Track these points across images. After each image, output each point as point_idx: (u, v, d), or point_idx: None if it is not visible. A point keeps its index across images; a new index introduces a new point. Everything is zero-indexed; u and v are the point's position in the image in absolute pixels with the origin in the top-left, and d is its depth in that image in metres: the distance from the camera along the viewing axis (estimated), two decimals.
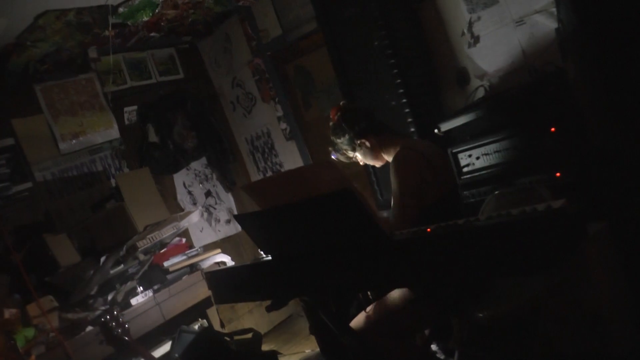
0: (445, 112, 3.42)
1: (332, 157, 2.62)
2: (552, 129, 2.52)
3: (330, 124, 2.54)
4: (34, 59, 3.75)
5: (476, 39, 3.28)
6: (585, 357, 2.47)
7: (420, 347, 2.49)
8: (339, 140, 2.52)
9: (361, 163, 2.64)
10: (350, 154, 2.55)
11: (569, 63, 2.78)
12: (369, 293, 2.43)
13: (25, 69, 3.81)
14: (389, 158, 2.52)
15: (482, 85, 3.29)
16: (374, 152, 2.51)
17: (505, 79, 3.19)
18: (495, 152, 2.73)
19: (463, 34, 3.32)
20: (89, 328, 3.05)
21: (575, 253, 1.29)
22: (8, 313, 2.92)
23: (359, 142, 2.48)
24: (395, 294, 2.29)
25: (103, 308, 3.22)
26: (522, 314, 2.27)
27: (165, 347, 3.52)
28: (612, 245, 2.45)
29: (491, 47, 3.22)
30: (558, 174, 2.52)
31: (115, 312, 2.80)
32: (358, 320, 2.34)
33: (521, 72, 3.10)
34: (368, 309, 2.29)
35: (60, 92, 4.10)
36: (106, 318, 2.76)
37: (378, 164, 2.61)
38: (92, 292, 3.33)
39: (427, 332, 2.48)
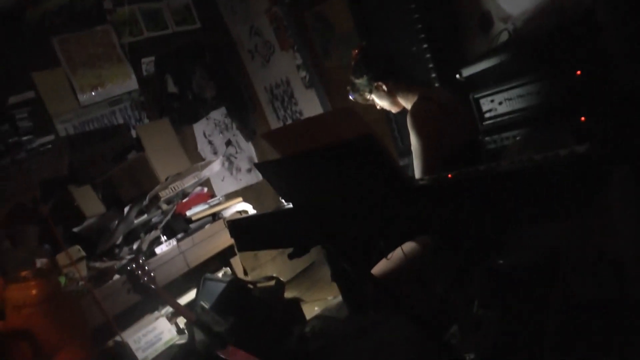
0: (467, 57, 3.34)
1: (350, 97, 2.60)
2: (578, 72, 2.45)
3: (352, 63, 2.52)
4: (49, 11, 3.72)
5: None
6: (606, 304, 2.48)
7: (440, 294, 2.51)
8: (357, 81, 2.50)
9: (377, 107, 2.62)
10: (367, 95, 2.53)
11: (598, 4, 2.68)
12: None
13: (41, 22, 3.79)
14: (405, 105, 2.49)
15: (506, 29, 3.19)
16: (390, 96, 2.49)
17: (530, 21, 3.09)
18: (518, 96, 2.67)
19: None
20: (116, 277, 3.14)
21: (598, 199, 1.27)
22: (39, 262, 3.01)
23: (376, 84, 2.46)
24: (417, 241, 2.30)
25: (129, 257, 3.30)
26: (542, 262, 2.27)
27: (190, 295, 3.61)
28: (636, 191, 2.42)
29: None
30: (582, 118, 2.47)
31: (140, 261, 2.86)
32: (379, 268, 2.37)
33: (548, 14, 2.99)
34: (389, 256, 2.31)
35: (77, 44, 4.09)
36: (132, 267, 2.82)
37: (394, 110, 2.58)
38: (118, 242, 3.41)
39: (447, 279, 2.50)
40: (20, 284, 2.70)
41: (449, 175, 1.52)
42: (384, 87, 2.45)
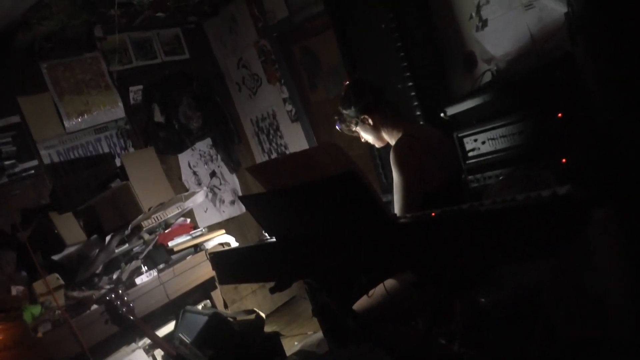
0: (451, 96, 3.40)
1: (337, 127, 2.62)
2: (559, 115, 2.50)
3: (342, 93, 2.55)
4: (39, 37, 3.73)
5: (484, 23, 3.24)
6: (587, 342, 2.49)
7: (422, 330, 2.50)
8: (345, 111, 2.53)
9: (362, 140, 2.64)
10: (353, 127, 2.56)
11: (577, 48, 2.76)
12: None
13: (31, 47, 3.80)
14: (390, 140, 2.52)
15: (489, 70, 3.26)
16: (375, 130, 2.51)
17: (513, 63, 3.17)
18: (501, 136, 2.72)
19: (471, 17, 3.29)
20: (94, 306, 3.08)
21: (579, 239, 1.29)
22: (15, 290, 2.95)
23: (362, 117, 2.49)
24: (398, 277, 2.30)
25: (108, 287, 3.25)
26: (524, 299, 2.28)
27: (169, 327, 3.55)
28: (617, 231, 2.45)
29: (499, 30, 3.19)
30: (564, 160, 2.52)
31: (120, 291, 2.83)
32: (361, 303, 2.35)
33: (529, 57, 3.08)
34: (370, 292, 2.30)
35: (66, 71, 4.09)
36: (111, 297, 2.79)
37: (377, 144, 2.60)
38: (98, 271, 3.36)
39: (428, 316, 2.50)
40: None
41: (432, 214, 1.53)
42: (370, 121, 2.48)
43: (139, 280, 3.34)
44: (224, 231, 4.03)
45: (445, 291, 2.27)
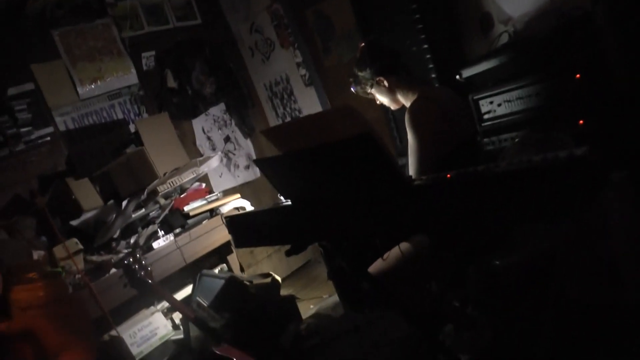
0: (467, 58, 3.35)
1: (352, 89, 2.61)
2: (577, 76, 2.46)
3: (357, 55, 2.53)
4: (50, 3, 3.72)
5: None
6: (600, 307, 2.49)
7: (436, 293, 2.52)
8: (360, 73, 2.51)
9: (377, 102, 2.63)
10: (368, 89, 2.54)
11: (597, 7, 2.69)
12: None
13: (42, 14, 3.79)
14: (405, 102, 2.50)
15: (506, 31, 3.19)
16: (390, 92, 2.50)
17: (530, 24, 3.10)
18: (517, 98, 2.68)
19: None
20: (113, 270, 3.14)
21: (595, 201, 1.28)
22: (36, 254, 3.01)
23: (377, 79, 2.47)
24: (413, 240, 2.31)
25: (126, 251, 3.30)
26: (538, 263, 2.28)
27: (187, 290, 3.61)
28: (633, 195, 2.43)
29: None
30: (581, 122, 2.48)
31: (137, 255, 2.86)
32: (375, 266, 2.37)
33: (548, 17, 3.00)
34: (385, 255, 2.31)
35: (78, 37, 4.08)
36: (129, 260, 2.82)
37: (393, 107, 2.59)
38: (115, 236, 3.40)
39: (443, 279, 2.51)
40: (27, 285, 2.70)
41: (448, 175, 1.53)
42: (385, 83, 2.46)
43: (156, 245, 3.38)
44: (239, 195, 4.05)
45: (459, 254, 2.28)
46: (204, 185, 4.09)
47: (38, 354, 2.59)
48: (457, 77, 2.94)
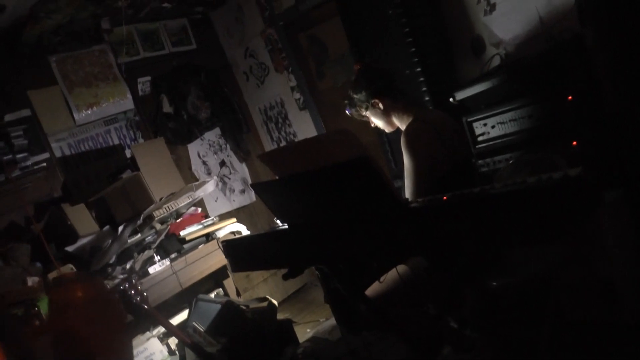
0: (460, 80, 3.39)
1: (347, 111, 2.63)
2: (569, 98, 2.49)
3: (352, 77, 2.55)
4: (47, 30, 3.75)
5: (492, 7, 3.22)
6: (597, 326, 2.49)
7: (433, 315, 2.51)
8: (355, 96, 2.53)
9: (372, 125, 2.65)
10: (363, 112, 2.56)
11: (587, 30, 2.74)
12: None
13: (39, 41, 3.82)
14: (400, 125, 2.52)
15: (497, 54, 3.24)
16: (386, 115, 2.52)
17: (521, 46, 3.15)
18: (510, 120, 2.71)
19: (479, 1, 3.27)
20: None
21: (590, 221, 1.29)
22: (31, 281, 2.99)
23: (373, 101, 2.49)
24: (410, 263, 2.31)
25: (122, 276, 3.28)
26: (534, 284, 2.28)
27: (183, 315, 3.58)
28: (627, 214, 2.44)
29: (508, 14, 3.17)
30: (574, 143, 2.51)
31: (133, 280, 2.84)
32: (373, 289, 2.37)
33: (538, 40, 3.05)
34: (382, 277, 2.31)
35: (74, 63, 4.12)
36: (125, 286, 2.81)
37: (387, 129, 2.61)
38: (111, 261, 3.39)
39: (440, 301, 2.51)
40: (66, 285, 2.71)
41: (444, 198, 1.54)
42: (380, 105, 2.49)
43: (151, 270, 3.37)
44: (235, 220, 4.05)
45: (456, 275, 2.28)
46: (199, 209, 4.09)
47: (78, 353, 2.58)
48: (451, 99, 2.97)
